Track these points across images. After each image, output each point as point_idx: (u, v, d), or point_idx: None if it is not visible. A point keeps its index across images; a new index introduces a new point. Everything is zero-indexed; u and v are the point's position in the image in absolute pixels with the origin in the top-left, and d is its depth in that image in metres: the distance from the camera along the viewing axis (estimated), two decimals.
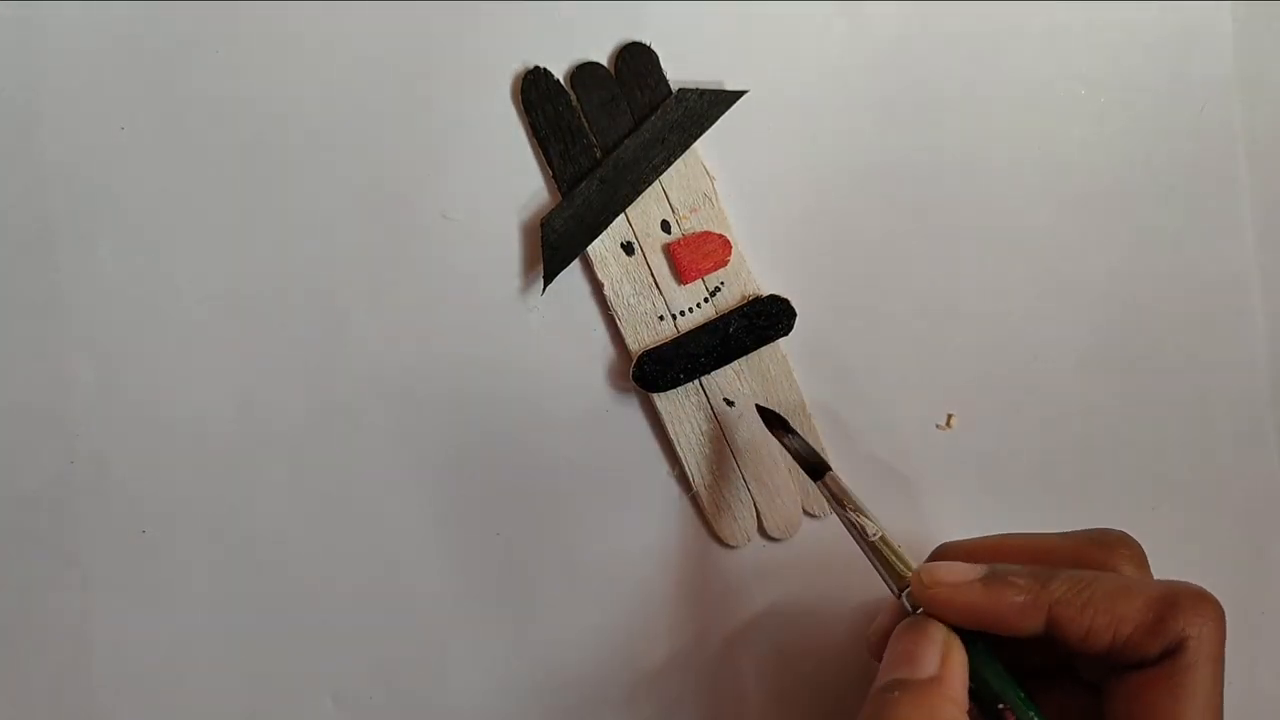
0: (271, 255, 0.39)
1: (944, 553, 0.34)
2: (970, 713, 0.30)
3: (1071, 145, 0.42)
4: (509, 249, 0.40)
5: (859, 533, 0.34)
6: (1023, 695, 0.30)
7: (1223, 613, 0.30)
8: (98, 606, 0.39)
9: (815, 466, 0.37)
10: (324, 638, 0.40)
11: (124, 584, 0.39)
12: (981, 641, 0.31)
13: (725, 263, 0.40)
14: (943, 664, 0.30)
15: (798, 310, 0.40)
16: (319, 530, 0.40)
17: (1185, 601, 0.29)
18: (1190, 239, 0.42)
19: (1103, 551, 0.32)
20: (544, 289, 0.39)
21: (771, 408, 0.39)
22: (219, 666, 0.39)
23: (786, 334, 0.40)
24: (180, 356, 0.39)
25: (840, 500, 0.35)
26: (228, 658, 0.39)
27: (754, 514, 0.41)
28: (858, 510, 0.35)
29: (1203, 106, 0.42)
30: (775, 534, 0.41)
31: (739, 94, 0.40)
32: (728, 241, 0.40)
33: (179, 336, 0.39)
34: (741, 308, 0.40)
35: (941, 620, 0.31)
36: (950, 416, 0.41)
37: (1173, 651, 0.29)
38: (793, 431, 0.38)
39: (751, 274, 0.40)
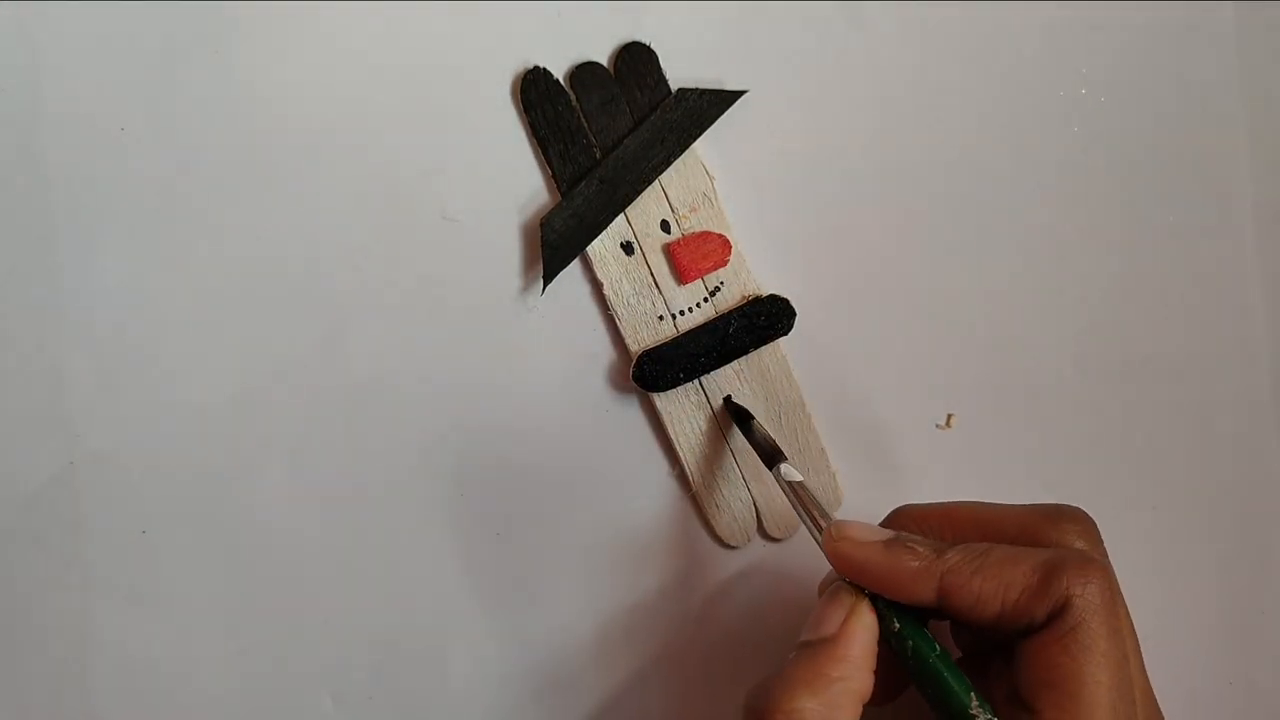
0: (271, 255, 0.39)
1: (900, 515, 0.35)
2: (888, 675, 0.32)
3: (1072, 145, 0.42)
4: (509, 249, 0.40)
5: (804, 511, 0.35)
6: (943, 658, 0.31)
7: (1108, 573, 0.30)
8: (98, 606, 0.39)
9: (771, 455, 0.37)
10: (324, 638, 0.40)
11: (124, 584, 0.39)
12: (914, 613, 0.32)
13: (725, 262, 0.40)
14: (842, 626, 0.31)
15: (798, 310, 0.40)
16: (319, 530, 0.40)
17: (1069, 564, 0.30)
18: (1190, 239, 0.42)
19: (1049, 524, 0.33)
20: (544, 289, 0.39)
21: (738, 402, 0.40)
22: (219, 666, 0.39)
23: (786, 334, 0.40)
24: (180, 356, 0.39)
25: (794, 489, 0.35)
26: (227, 657, 0.39)
27: (754, 514, 0.41)
28: (805, 491, 0.35)
29: (1202, 106, 0.42)
30: (775, 534, 0.41)
31: (739, 94, 0.40)
32: (727, 241, 0.40)
33: (179, 336, 0.39)
34: (741, 307, 0.40)
35: (847, 576, 0.32)
36: (950, 416, 0.41)
37: (1059, 612, 0.30)
38: (753, 427, 0.39)
39: (751, 274, 0.40)
